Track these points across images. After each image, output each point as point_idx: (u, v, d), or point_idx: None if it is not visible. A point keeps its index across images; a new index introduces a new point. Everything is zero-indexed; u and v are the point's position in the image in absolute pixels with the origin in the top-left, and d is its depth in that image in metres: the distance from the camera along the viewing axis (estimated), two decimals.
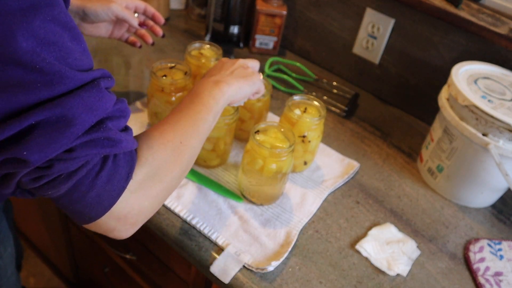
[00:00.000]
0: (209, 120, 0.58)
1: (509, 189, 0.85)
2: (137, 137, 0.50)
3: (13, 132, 0.36)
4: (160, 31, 0.85)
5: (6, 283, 0.81)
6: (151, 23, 0.85)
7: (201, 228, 0.69)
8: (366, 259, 0.70)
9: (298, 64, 1.13)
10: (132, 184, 0.45)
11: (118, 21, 0.82)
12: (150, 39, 0.86)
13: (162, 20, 0.84)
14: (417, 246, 0.74)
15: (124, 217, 0.46)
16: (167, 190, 0.51)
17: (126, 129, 0.46)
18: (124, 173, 0.44)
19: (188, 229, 0.69)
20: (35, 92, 0.36)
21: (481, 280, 0.69)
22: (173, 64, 0.83)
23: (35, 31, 0.35)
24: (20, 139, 0.37)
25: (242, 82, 0.64)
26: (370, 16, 1.03)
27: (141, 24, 0.84)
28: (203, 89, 0.60)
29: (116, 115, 0.43)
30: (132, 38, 0.86)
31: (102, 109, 0.40)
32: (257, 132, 0.73)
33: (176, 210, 0.71)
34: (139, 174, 0.46)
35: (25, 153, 0.36)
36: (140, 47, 0.87)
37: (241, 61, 0.69)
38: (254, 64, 0.71)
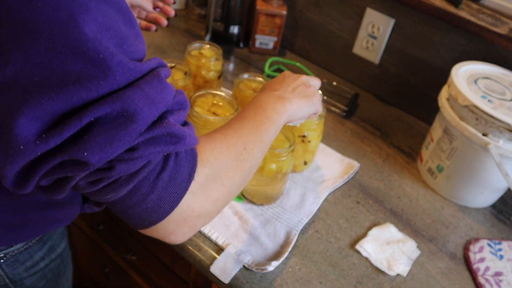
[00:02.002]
0: (272, 132, 0.55)
1: (509, 189, 0.85)
2: (199, 137, 0.47)
3: (72, 132, 0.32)
4: (171, 11, 0.81)
5: None
6: (161, 4, 0.81)
7: (201, 228, 0.69)
8: (366, 259, 0.70)
9: (298, 64, 1.13)
10: (193, 186, 0.42)
11: (132, 8, 0.78)
12: (164, 21, 0.81)
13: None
14: (417, 246, 0.74)
15: (184, 220, 0.42)
16: (227, 195, 0.47)
17: (186, 123, 0.42)
18: (186, 174, 0.41)
19: None
20: (95, 86, 0.32)
21: (481, 280, 0.69)
22: (173, 64, 0.83)
23: (93, 14, 0.31)
24: (78, 139, 0.33)
25: (303, 102, 0.62)
26: (370, 16, 1.03)
27: (153, 7, 0.80)
28: (266, 102, 0.58)
29: (176, 108, 0.39)
30: (145, 23, 0.82)
31: (164, 101, 0.37)
32: None
33: None
34: (201, 175, 0.43)
35: (85, 154, 0.33)
36: (156, 30, 0.84)
37: (303, 78, 0.66)
38: (316, 82, 0.69)
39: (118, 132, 0.33)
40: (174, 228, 0.43)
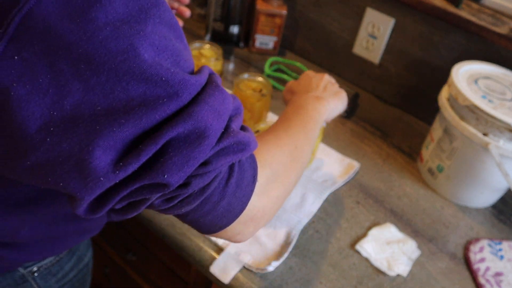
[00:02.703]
0: (316, 131, 0.58)
1: (509, 189, 0.85)
2: None
3: (149, 155, 0.32)
4: (187, 11, 0.81)
5: None
6: (176, 4, 0.81)
7: None
8: (366, 259, 0.70)
9: (298, 64, 1.13)
10: (257, 187, 0.44)
11: None
12: (180, 22, 0.79)
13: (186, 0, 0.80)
14: (417, 246, 0.73)
15: (250, 220, 0.44)
16: (286, 192, 0.50)
17: (244, 127, 0.43)
18: (250, 177, 0.42)
19: (188, 229, 0.69)
20: (162, 107, 0.32)
21: (481, 280, 0.69)
22: None
23: (151, 38, 0.31)
24: (155, 162, 0.33)
25: (337, 100, 0.66)
26: (370, 16, 1.03)
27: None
28: (306, 103, 0.60)
29: (234, 114, 0.40)
30: None
31: (227, 111, 0.37)
32: (257, 132, 0.73)
33: None
34: (262, 176, 0.45)
35: (165, 176, 0.33)
36: None
37: (327, 77, 0.70)
38: (332, 79, 0.72)
39: (193, 150, 0.34)
40: (241, 229, 0.44)
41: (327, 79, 0.69)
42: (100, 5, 0.29)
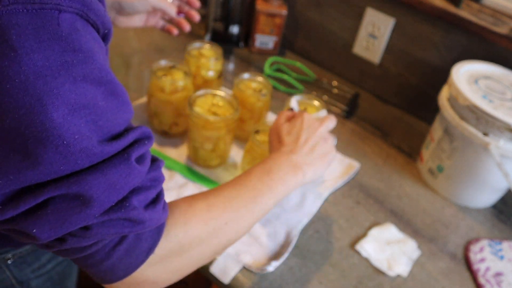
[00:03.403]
0: (269, 205, 0.52)
1: (509, 189, 0.85)
2: (175, 204, 0.45)
3: (27, 207, 0.32)
4: (196, 16, 0.80)
5: None
6: (186, 8, 0.81)
7: None
8: (366, 259, 0.70)
9: (298, 64, 1.13)
10: (152, 258, 0.41)
11: (154, 11, 0.77)
12: (187, 27, 0.80)
13: (197, 4, 0.80)
14: (418, 246, 0.73)
15: (137, 285, 0.42)
16: (192, 266, 0.46)
17: (157, 198, 0.40)
18: (145, 248, 0.40)
19: None
20: (55, 170, 0.31)
21: (482, 280, 0.69)
22: (173, 64, 0.83)
23: (66, 97, 0.30)
24: (32, 214, 0.32)
25: (320, 166, 0.58)
26: (370, 16, 1.03)
27: (178, 12, 0.79)
28: (277, 169, 0.54)
29: (146, 186, 0.38)
30: (169, 26, 0.82)
31: (128, 186, 0.35)
32: (257, 132, 0.72)
33: None
34: (163, 249, 0.42)
35: (34, 230, 0.33)
36: (178, 34, 0.84)
37: (323, 130, 0.61)
38: (332, 124, 0.63)
39: (71, 215, 0.33)
40: None
41: (320, 134, 0.60)
42: (15, 54, 0.28)
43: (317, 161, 0.58)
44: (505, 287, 0.69)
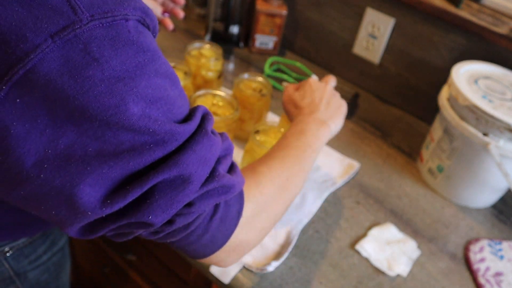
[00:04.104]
0: (312, 159, 0.59)
1: (509, 189, 0.85)
2: (244, 171, 0.51)
3: (135, 197, 0.35)
4: (181, 13, 0.82)
5: None
6: (171, 5, 0.83)
7: None
8: (366, 259, 0.70)
9: (298, 64, 1.13)
10: (241, 221, 0.46)
11: None
12: (170, 26, 0.83)
13: (182, 1, 0.82)
14: (417, 246, 0.73)
15: (233, 250, 0.47)
16: (271, 223, 0.52)
17: (232, 165, 0.45)
18: (235, 212, 0.45)
19: None
20: (149, 153, 0.35)
21: (482, 280, 0.69)
22: (173, 64, 0.83)
23: (143, 93, 0.34)
24: (142, 203, 0.36)
25: (340, 117, 0.67)
26: (370, 16, 1.03)
27: (163, 11, 0.82)
28: (308, 128, 0.61)
29: (223, 155, 0.42)
30: (162, 19, 0.83)
31: (214, 157, 0.40)
32: (257, 132, 0.73)
33: None
34: (248, 210, 0.47)
35: (150, 217, 0.36)
36: (174, 30, 0.85)
37: (330, 88, 0.69)
38: (334, 82, 0.73)
39: (177, 194, 0.37)
40: (224, 257, 0.48)
41: (330, 92, 0.69)
42: (98, 63, 0.32)
43: (336, 113, 0.66)
44: (505, 287, 0.69)
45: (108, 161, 0.34)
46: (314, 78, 0.74)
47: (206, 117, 0.41)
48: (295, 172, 0.55)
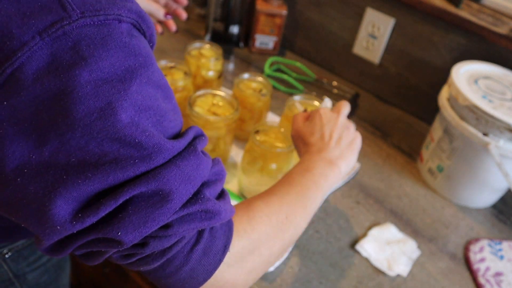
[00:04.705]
0: (318, 199, 0.54)
1: (509, 189, 0.85)
2: (238, 205, 0.47)
3: (108, 211, 0.32)
4: (183, 14, 0.81)
5: None
6: (174, 5, 0.82)
7: None
8: (366, 259, 0.70)
9: (298, 64, 1.13)
10: (228, 257, 0.42)
11: None
12: (173, 27, 0.81)
13: (184, 1, 0.80)
14: (417, 246, 0.73)
15: None
16: (264, 265, 0.46)
17: (222, 193, 0.42)
18: (221, 246, 0.41)
19: None
20: (132, 168, 0.32)
21: (482, 280, 0.69)
22: (173, 64, 0.83)
23: (132, 99, 0.32)
24: (113, 218, 0.33)
25: (350, 156, 0.60)
26: (370, 16, 1.03)
27: (166, 13, 0.80)
28: (314, 166, 0.56)
29: (212, 180, 0.39)
30: (156, 25, 0.83)
31: (200, 177, 0.36)
32: (257, 132, 0.73)
33: None
34: (237, 246, 0.42)
35: (119, 233, 0.33)
36: (162, 33, 0.84)
37: (342, 119, 0.62)
38: (347, 110, 0.64)
39: (153, 212, 0.33)
40: None
41: (341, 125, 0.61)
42: (86, 63, 0.30)
43: (347, 152, 0.60)
44: (505, 287, 0.69)
45: (86, 172, 0.31)
46: (326, 102, 0.70)
47: (198, 137, 0.38)
48: (296, 210, 0.50)
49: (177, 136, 0.37)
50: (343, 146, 0.60)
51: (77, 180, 0.31)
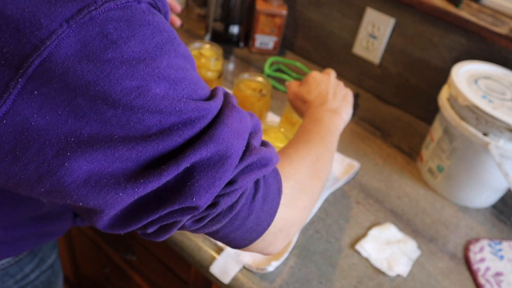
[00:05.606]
0: (334, 143, 0.59)
1: (509, 189, 0.85)
2: None
3: (171, 176, 0.33)
4: (178, 21, 0.81)
5: None
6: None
7: None
8: (366, 259, 0.70)
9: (298, 64, 1.13)
10: (283, 199, 0.45)
11: None
12: (178, 22, 0.80)
13: (178, 8, 0.80)
14: (417, 246, 0.73)
15: (279, 231, 0.46)
16: (312, 201, 0.51)
17: (264, 143, 0.44)
18: (275, 190, 0.44)
19: None
20: (178, 134, 0.33)
21: (481, 280, 0.69)
22: None
23: (165, 73, 0.33)
24: (182, 187, 0.34)
25: (347, 106, 0.68)
26: (370, 16, 1.03)
27: None
28: (322, 116, 0.62)
29: (254, 131, 0.41)
30: (175, 19, 0.81)
31: (246, 129, 0.38)
32: None
33: None
34: (287, 188, 0.47)
35: (193, 199, 0.34)
36: (181, 25, 0.82)
37: (333, 78, 0.71)
38: (334, 74, 0.73)
39: (218, 171, 0.35)
40: (271, 240, 0.46)
41: (334, 82, 0.70)
42: (116, 45, 0.31)
43: (344, 103, 0.68)
44: (505, 287, 0.69)
45: (136, 147, 0.32)
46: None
47: (228, 94, 0.40)
48: (322, 152, 0.55)
49: (210, 97, 0.38)
50: (339, 98, 0.68)
51: (129, 154, 0.32)
